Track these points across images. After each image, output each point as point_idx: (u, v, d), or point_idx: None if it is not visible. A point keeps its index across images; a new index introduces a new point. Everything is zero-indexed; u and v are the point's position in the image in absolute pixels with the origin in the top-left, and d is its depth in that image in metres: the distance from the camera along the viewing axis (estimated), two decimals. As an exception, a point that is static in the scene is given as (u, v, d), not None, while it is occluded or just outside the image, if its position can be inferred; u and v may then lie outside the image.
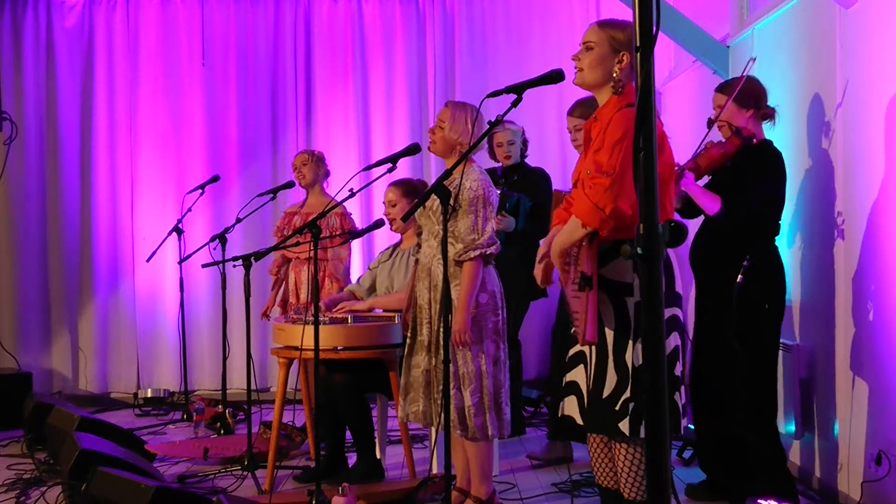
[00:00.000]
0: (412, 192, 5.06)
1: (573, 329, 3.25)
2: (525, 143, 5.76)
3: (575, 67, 3.33)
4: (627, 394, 3.12)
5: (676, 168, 4.16)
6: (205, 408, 6.25)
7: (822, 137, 4.46)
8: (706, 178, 4.45)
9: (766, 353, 4.24)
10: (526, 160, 5.84)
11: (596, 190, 3.06)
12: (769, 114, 4.37)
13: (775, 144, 4.33)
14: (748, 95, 4.31)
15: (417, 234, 4.41)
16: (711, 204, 4.20)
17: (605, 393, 3.17)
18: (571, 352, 3.37)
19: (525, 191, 5.62)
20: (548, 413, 6.19)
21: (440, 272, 4.08)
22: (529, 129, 6.75)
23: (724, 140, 4.32)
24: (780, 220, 4.29)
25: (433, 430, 4.70)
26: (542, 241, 3.45)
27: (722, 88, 4.45)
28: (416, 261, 4.38)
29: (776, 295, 4.25)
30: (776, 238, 4.29)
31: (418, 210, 4.23)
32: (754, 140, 4.28)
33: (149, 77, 7.82)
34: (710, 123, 4.38)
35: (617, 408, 3.14)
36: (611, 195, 3.03)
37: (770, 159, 4.25)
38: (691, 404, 4.53)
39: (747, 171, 4.22)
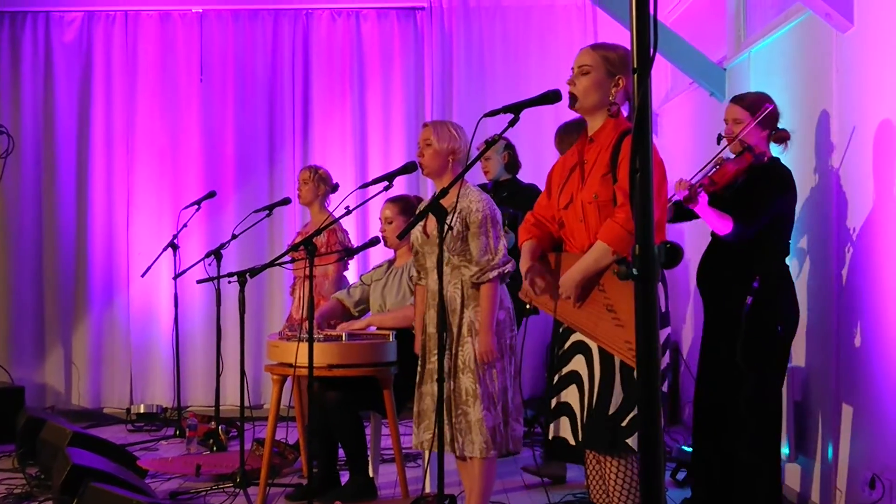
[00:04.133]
0: (408, 209, 5.06)
1: (557, 352, 3.24)
2: (511, 158, 5.69)
3: (570, 92, 3.33)
4: (636, 411, 3.12)
5: (689, 187, 4.13)
6: (198, 424, 6.23)
7: (817, 160, 4.48)
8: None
9: (774, 375, 4.17)
10: (518, 177, 5.81)
11: (630, 218, 3.06)
12: (784, 137, 4.29)
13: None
14: (768, 116, 4.23)
15: (414, 253, 4.38)
16: (723, 225, 4.13)
17: (611, 410, 3.17)
18: (564, 371, 3.37)
19: (516, 207, 5.60)
20: (542, 433, 6.16)
21: (458, 296, 4.10)
22: (527, 148, 6.76)
23: (734, 156, 4.23)
24: (789, 238, 4.22)
25: (426, 450, 4.67)
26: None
27: (739, 101, 4.32)
28: (417, 285, 4.38)
29: (788, 316, 4.18)
30: (786, 258, 4.22)
31: (421, 240, 4.22)
32: (766, 158, 4.21)
33: (146, 92, 7.83)
34: (721, 139, 4.29)
35: (624, 424, 3.15)
36: None
37: (780, 177, 4.17)
38: (693, 425, 4.48)
39: (757, 189, 4.14)
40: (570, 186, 3.34)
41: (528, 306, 3.53)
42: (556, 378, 3.39)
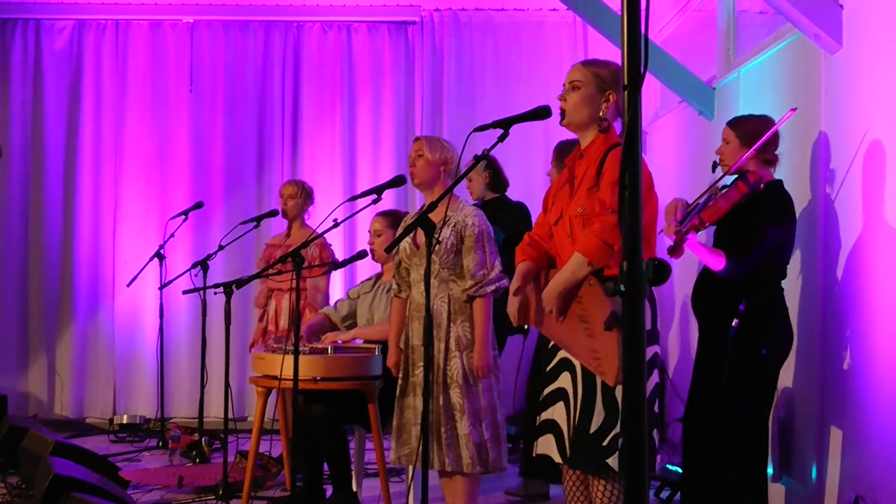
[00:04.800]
0: (397, 223, 5.05)
1: (545, 368, 3.22)
2: (493, 176, 5.65)
3: (560, 108, 3.34)
4: (617, 429, 3.11)
5: (677, 231, 4.03)
6: (181, 435, 6.20)
7: (805, 181, 4.49)
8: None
9: (760, 399, 4.09)
10: (507, 194, 5.78)
11: (605, 227, 3.07)
12: (770, 160, 4.13)
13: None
14: (753, 135, 4.07)
15: (396, 265, 4.37)
16: (716, 261, 4.02)
17: (593, 428, 3.16)
18: (547, 390, 3.35)
19: (501, 224, 5.58)
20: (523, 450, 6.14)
21: (444, 310, 4.11)
22: (516, 164, 6.77)
23: (728, 186, 4.07)
24: (787, 264, 4.11)
25: (409, 465, 4.65)
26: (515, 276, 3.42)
27: (732, 124, 4.23)
28: (395, 298, 4.37)
29: (777, 339, 4.07)
30: (782, 280, 4.11)
31: (409, 251, 4.22)
32: (761, 185, 4.03)
33: (136, 102, 7.83)
34: (715, 167, 4.20)
35: (605, 443, 3.14)
36: (619, 232, 3.03)
37: (774, 206, 4.03)
38: (683, 445, 4.45)
39: (754, 219, 4.00)
40: (560, 202, 3.35)
41: (525, 325, 3.52)
42: (541, 395, 3.38)
